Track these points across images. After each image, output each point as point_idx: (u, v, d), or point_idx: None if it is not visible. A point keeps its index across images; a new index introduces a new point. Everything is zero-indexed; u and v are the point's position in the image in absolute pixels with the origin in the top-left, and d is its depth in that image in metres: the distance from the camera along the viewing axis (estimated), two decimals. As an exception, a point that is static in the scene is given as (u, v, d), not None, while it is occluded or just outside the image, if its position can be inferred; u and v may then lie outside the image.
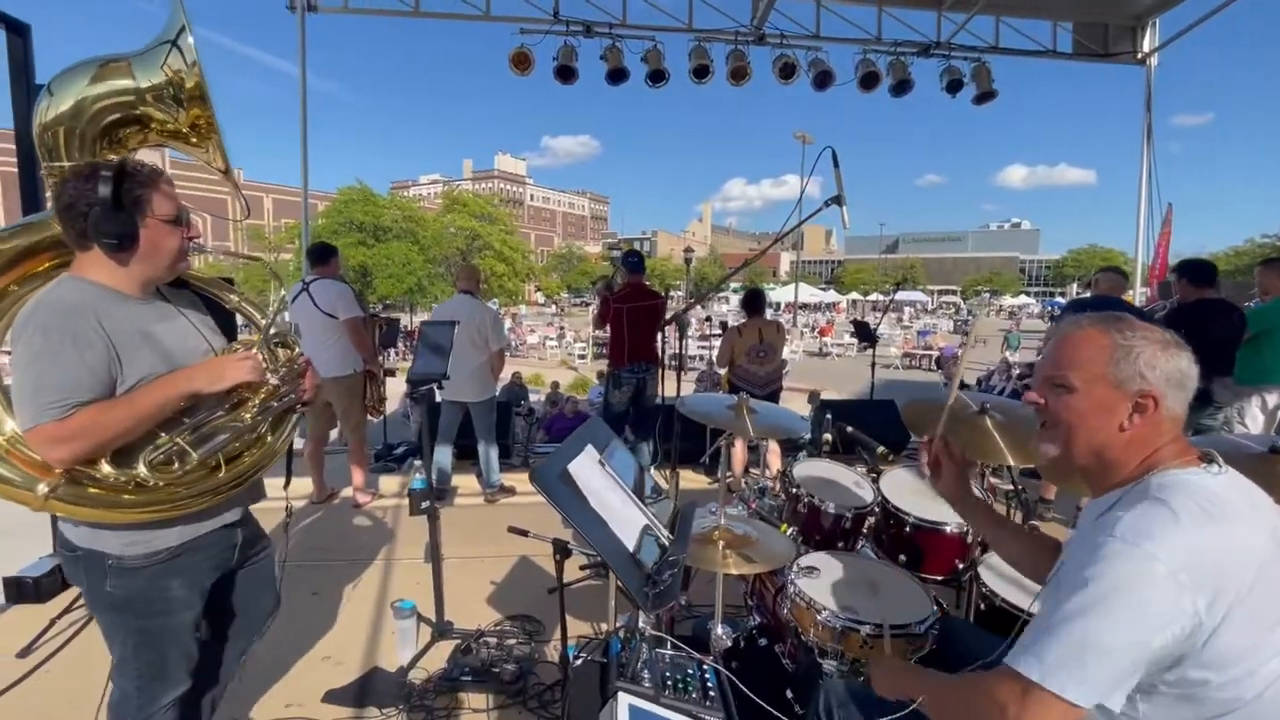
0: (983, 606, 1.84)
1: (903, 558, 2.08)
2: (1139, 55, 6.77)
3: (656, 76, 6.16)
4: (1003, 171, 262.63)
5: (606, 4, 6.24)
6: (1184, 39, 6.56)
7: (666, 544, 1.45)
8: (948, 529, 2.03)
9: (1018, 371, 14.31)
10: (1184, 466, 1.02)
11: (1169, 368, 1.02)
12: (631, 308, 4.59)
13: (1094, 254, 61.99)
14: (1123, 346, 1.04)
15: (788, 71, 6.23)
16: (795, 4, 6.40)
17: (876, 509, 2.15)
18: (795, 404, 8.73)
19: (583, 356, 22.79)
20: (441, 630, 2.79)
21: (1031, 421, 2.21)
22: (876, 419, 5.70)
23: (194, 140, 1.68)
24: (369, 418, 4.74)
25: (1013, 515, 2.28)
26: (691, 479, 5.18)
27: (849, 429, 2.54)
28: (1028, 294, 64.17)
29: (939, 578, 2.08)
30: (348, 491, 4.64)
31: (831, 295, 52.14)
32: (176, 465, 1.48)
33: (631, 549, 1.31)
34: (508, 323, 28.16)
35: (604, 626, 2.27)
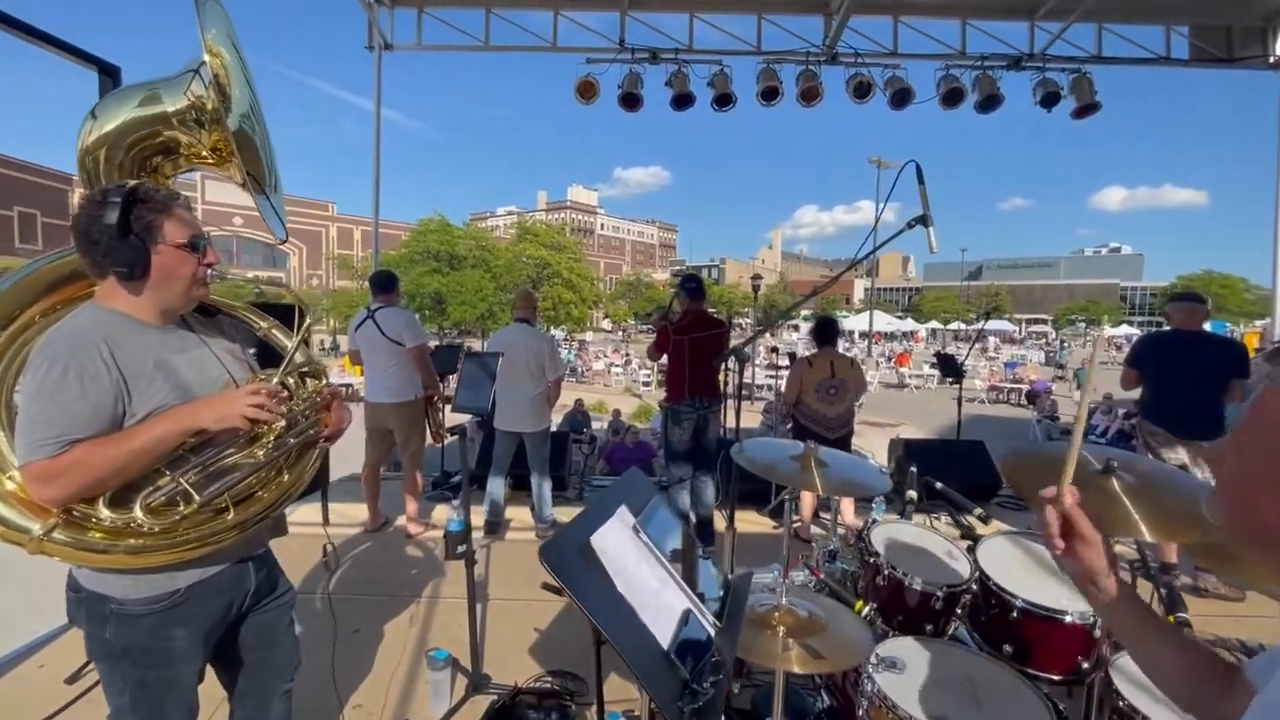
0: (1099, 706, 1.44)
1: (1008, 648, 1.71)
2: (1271, 59, 6.01)
3: (723, 100, 5.99)
4: (1098, 194, 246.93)
5: (673, 29, 6.18)
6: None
7: (712, 635, 1.18)
8: (1068, 619, 1.64)
9: (1124, 411, 12.98)
10: None
11: None
12: (693, 339, 4.29)
13: (1209, 280, 56.36)
14: None
15: (862, 91, 5.91)
16: (871, 20, 6.09)
17: (974, 585, 1.78)
18: (871, 440, 8.15)
19: (647, 384, 22.63)
20: (477, 684, 2.59)
21: (1179, 487, 1.81)
22: (964, 462, 5.17)
23: (217, 163, 1.63)
24: (431, 444, 4.70)
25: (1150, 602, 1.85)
26: (753, 521, 4.82)
27: (937, 485, 2.18)
28: (1130, 324, 59.09)
29: (1055, 677, 1.69)
30: (401, 520, 4.59)
31: (909, 324, 49.81)
32: (180, 507, 1.36)
33: (666, 644, 1.06)
34: (571, 350, 28.49)
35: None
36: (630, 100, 6.02)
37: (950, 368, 5.45)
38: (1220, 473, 0.87)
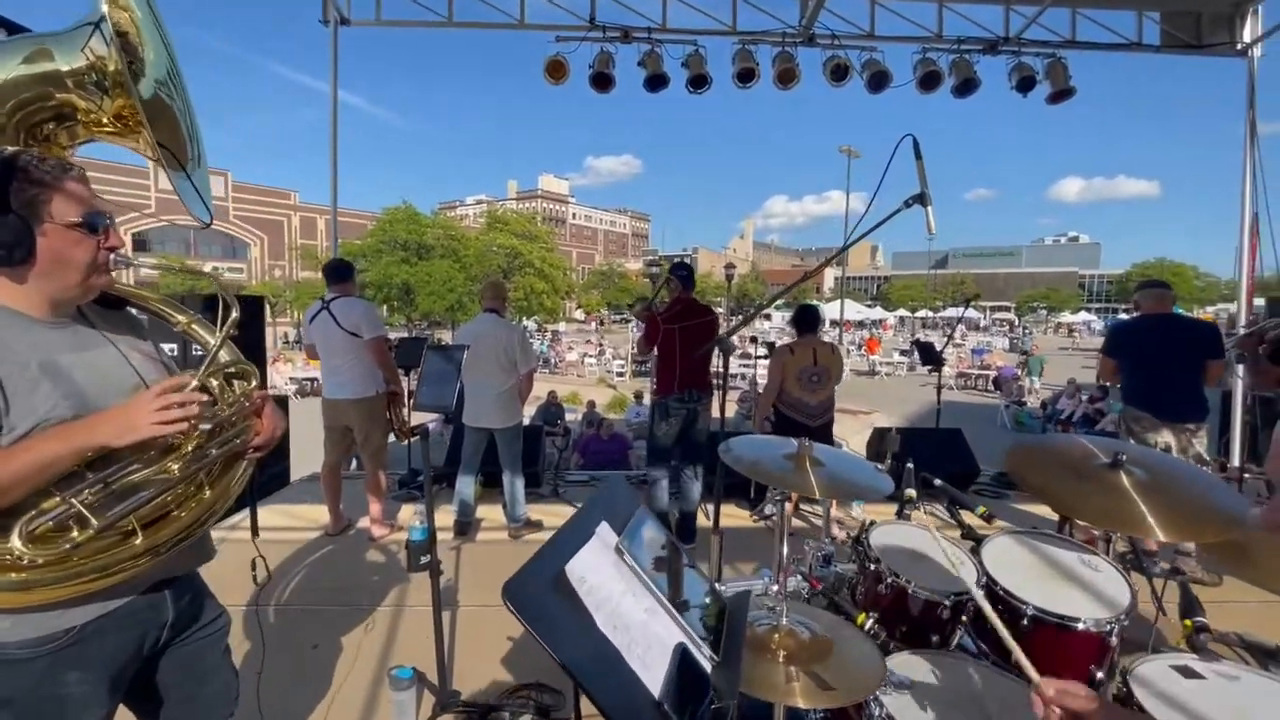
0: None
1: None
2: (1238, 46, 6.06)
3: (698, 82, 5.80)
4: (1057, 185, 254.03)
5: (645, 7, 5.95)
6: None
7: (710, 673, 1.02)
8: (1080, 626, 1.53)
9: (1087, 396, 13.28)
10: None
11: None
12: (684, 328, 4.10)
13: (1162, 267, 58.49)
14: None
15: (840, 73, 5.78)
16: (848, 1, 5.97)
17: (981, 592, 1.66)
18: (846, 427, 8.11)
19: (621, 374, 22.48)
20: (445, 703, 2.41)
21: (1192, 482, 1.71)
22: (945, 451, 5.13)
23: (122, 132, 1.39)
24: (394, 441, 4.44)
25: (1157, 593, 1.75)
26: (733, 515, 4.70)
27: (936, 481, 2.06)
28: (1089, 310, 60.94)
29: (1067, 687, 1.57)
30: (365, 522, 4.36)
31: (878, 312, 50.56)
32: (73, 533, 1.14)
33: (658, 692, 0.90)
34: (544, 340, 28.11)
35: None
36: (602, 80, 5.79)
37: (930, 355, 5.39)
38: None
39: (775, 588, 1.89)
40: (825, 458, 1.71)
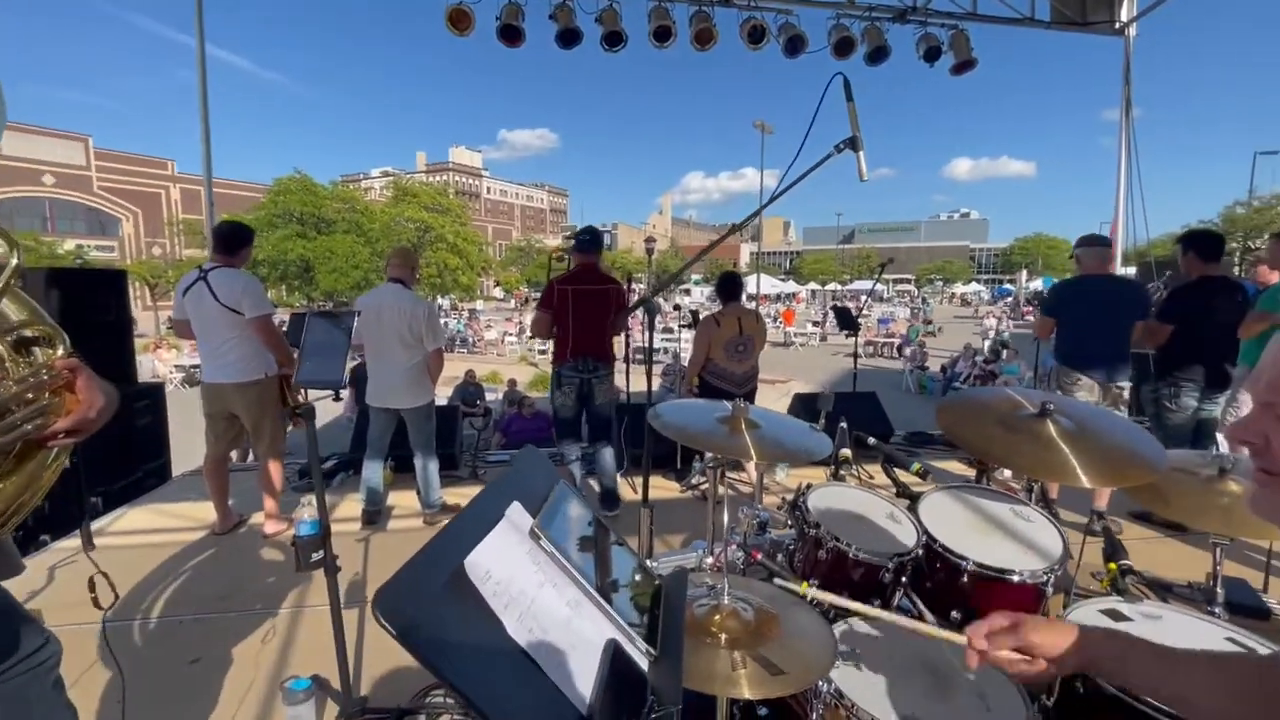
0: (1081, 689, 1.30)
1: (956, 614, 1.56)
2: (1116, 25, 6.47)
3: (613, 39, 5.53)
4: (950, 164, 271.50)
5: (555, -43, 5.56)
6: (1166, 12, 6.31)
7: (647, 671, 0.86)
8: (1015, 578, 1.51)
9: (982, 358, 14.28)
10: None
11: None
12: (576, 290, 3.89)
13: (1040, 241, 64.13)
14: None
15: (756, 35, 5.68)
16: (764, -38, 5.84)
17: (920, 550, 1.61)
18: (766, 397, 8.25)
19: (544, 351, 21.99)
20: (350, 712, 2.15)
21: (1115, 429, 1.72)
22: (863, 414, 5.26)
23: None
24: (290, 428, 4.00)
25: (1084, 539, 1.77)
26: (662, 486, 4.62)
27: (870, 440, 2.01)
28: (979, 281, 65.85)
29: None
30: (259, 518, 3.93)
31: (791, 286, 52.42)
32: None
33: (588, 703, 0.73)
34: (460, 319, 26.98)
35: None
36: (510, 33, 5.40)
37: (847, 320, 5.50)
38: (1272, 452, 0.66)
39: (710, 560, 1.77)
40: (761, 419, 1.59)
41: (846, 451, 2.18)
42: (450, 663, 0.61)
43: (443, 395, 11.39)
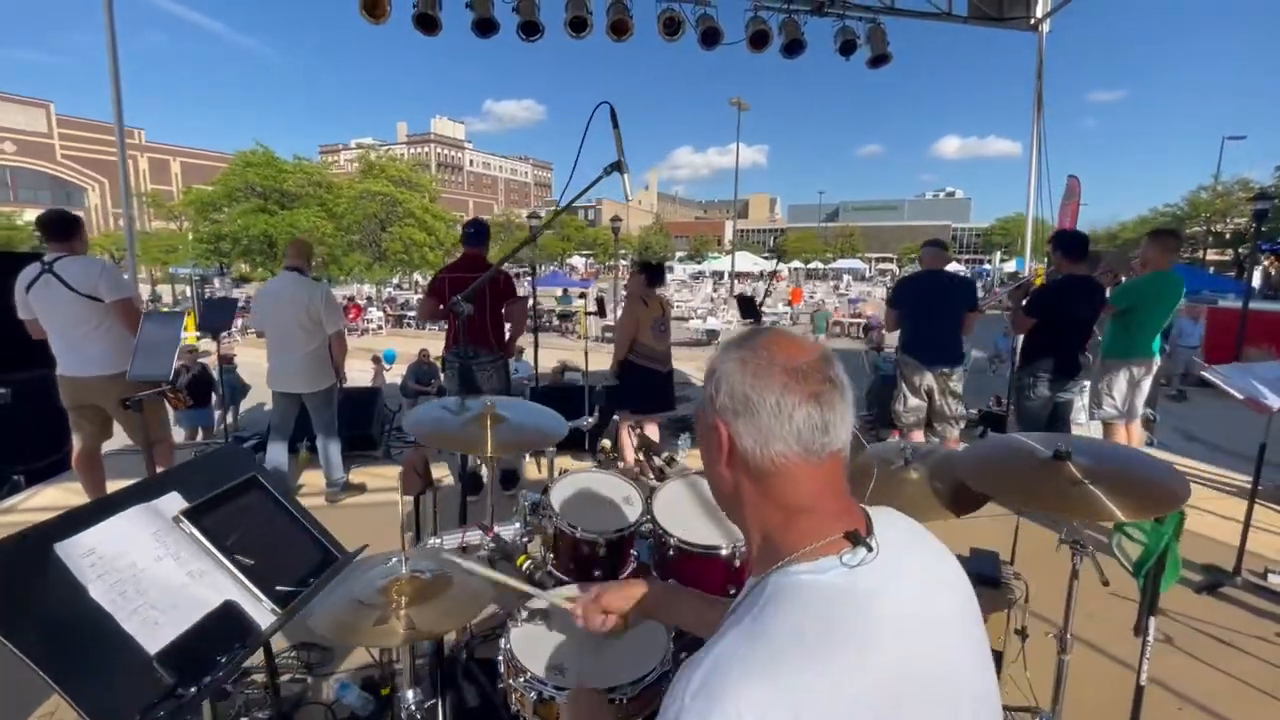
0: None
1: (671, 583, 1.82)
2: (1031, 21, 6.65)
3: (529, 29, 5.62)
4: (938, 142, 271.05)
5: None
6: (1081, 8, 6.49)
7: (259, 621, 1.10)
8: (723, 552, 1.76)
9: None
10: (814, 557, 0.71)
11: (739, 388, 0.73)
12: (452, 278, 4.13)
13: (1019, 222, 64.32)
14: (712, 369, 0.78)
15: (672, 27, 5.79)
16: (679, -47, 5.92)
17: (645, 529, 1.87)
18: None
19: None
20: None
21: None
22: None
23: None
24: (170, 410, 3.97)
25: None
26: (578, 467, 4.87)
27: (638, 431, 2.25)
28: (958, 261, 66.44)
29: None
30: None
31: (772, 264, 52.57)
32: None
33: (161, 647, 0.96)
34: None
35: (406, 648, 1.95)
36: (426, 22, 5.46)
37: (749, 309, 5.73)
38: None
39: (488, 538, 2.02)
40: (508, 410, 1.83)
41: (606, 441, 2.42)
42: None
43: (397, 374, 11.54)
